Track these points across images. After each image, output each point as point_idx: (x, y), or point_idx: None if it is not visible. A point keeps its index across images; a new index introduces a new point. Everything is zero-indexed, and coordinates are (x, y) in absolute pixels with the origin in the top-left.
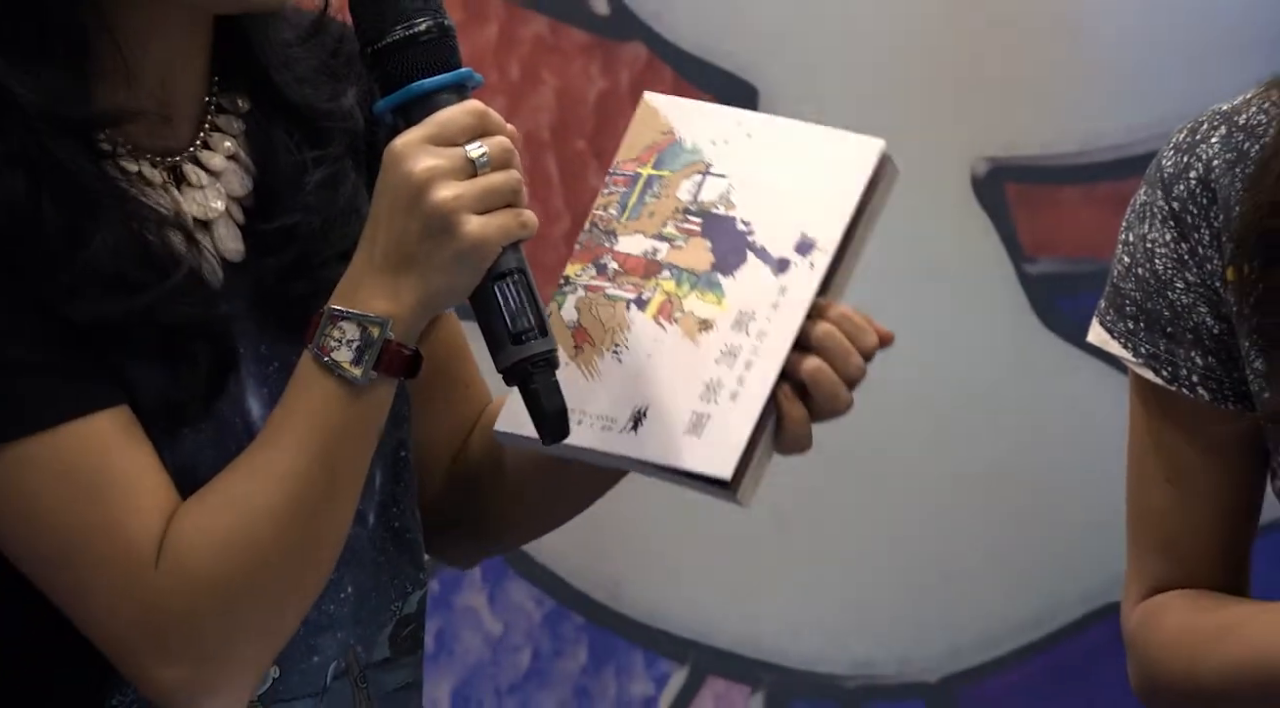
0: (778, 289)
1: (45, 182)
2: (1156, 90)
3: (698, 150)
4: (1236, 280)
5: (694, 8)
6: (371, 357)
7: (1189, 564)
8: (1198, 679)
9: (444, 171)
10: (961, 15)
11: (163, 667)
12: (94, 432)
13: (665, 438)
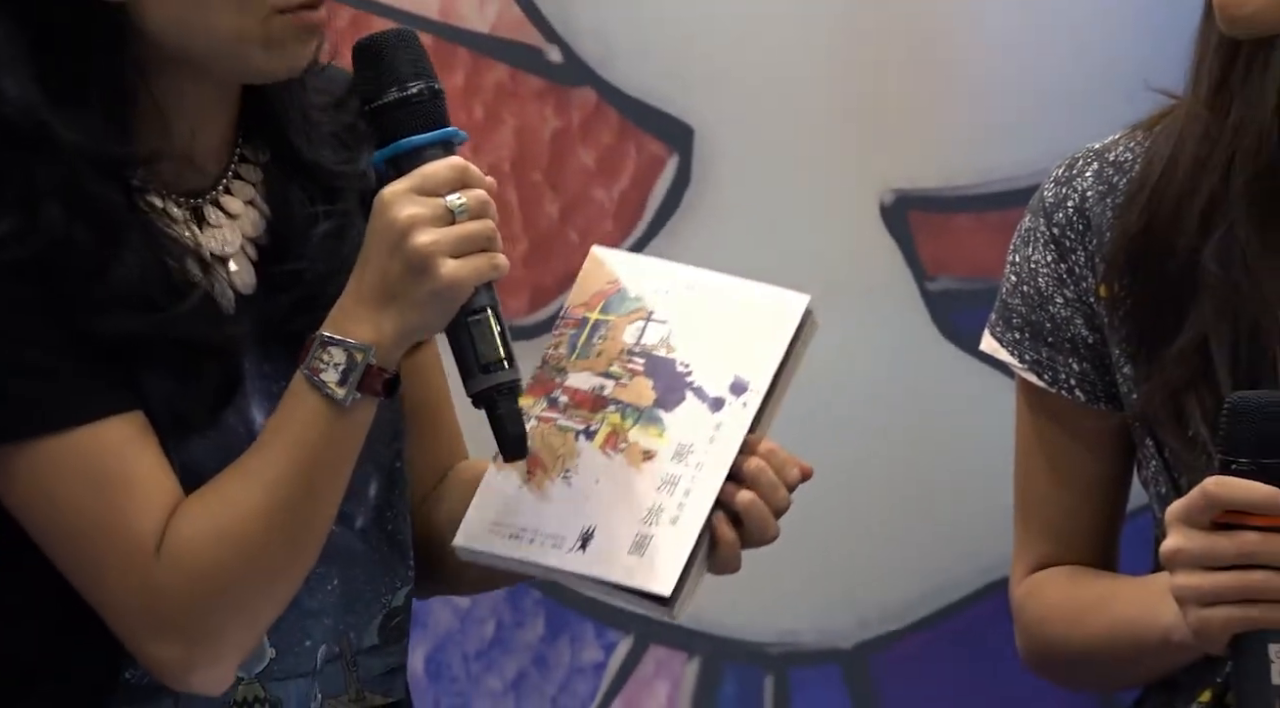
0: (714, 425)
1: (78, 211)
2: (1039, 131)
3: (640, 298)
4: (1108, 297)
5: (636, 58)
6: (355, 379)
7: (1068, 544)
8: (1075, 643)
9: (425, 219)
10: (873, 66)
11: (159, 645)
12: (108, 434)
13: (610, 556)
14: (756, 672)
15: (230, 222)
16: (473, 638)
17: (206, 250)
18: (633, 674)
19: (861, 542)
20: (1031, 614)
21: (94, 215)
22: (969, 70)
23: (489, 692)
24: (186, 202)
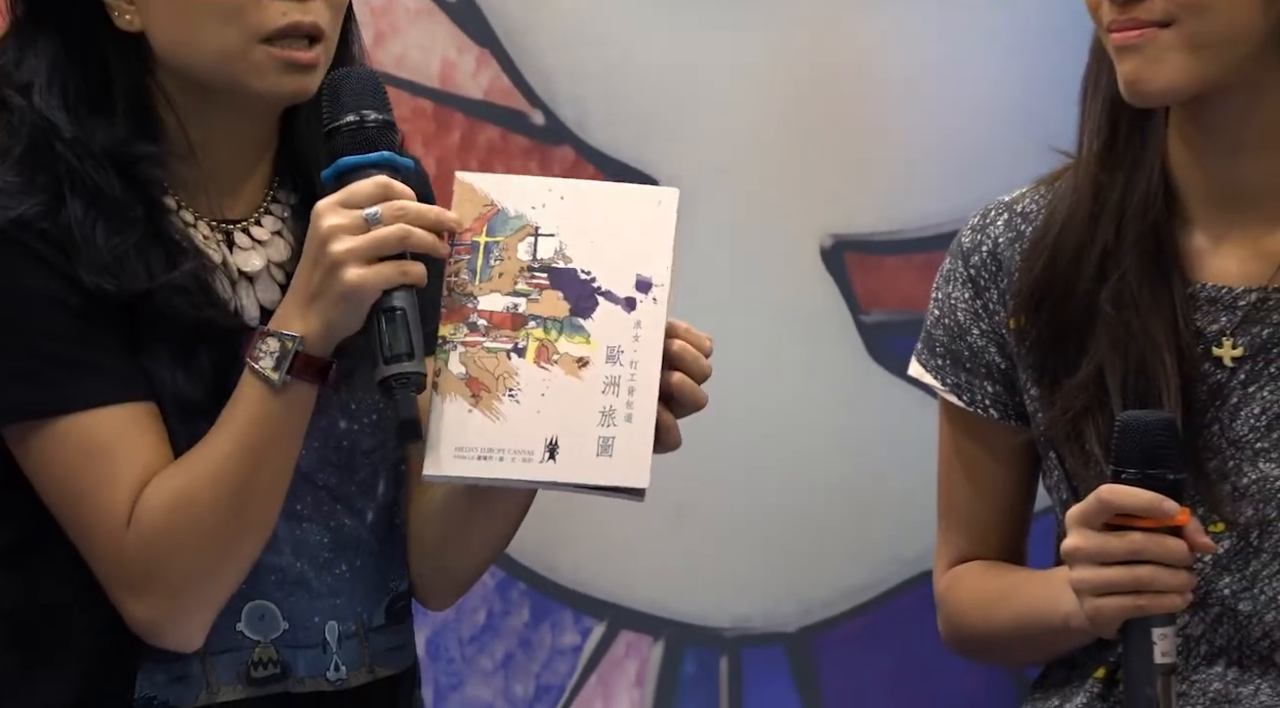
0: (633, 323)
1: (96, 204)
2: (958, 185)
3: (521, 215)
4: (1017, 329)
5: (607, 122)
6: (286, 364)
7: (983, 542)
8: (989, 628)
9: (342, 228)
10: (815, 129)
11: (134, 603)
12: (107, 418)
13: (581, 461)
14: (713, 653)
15: (258, 246)
16: (466, 625)
17: (237, 269)
18: (605, 655)
19: (805, 540)
20: (952, 603)
21: (107, 207)
22: (898, 132)
23: (481, 671)
24: (219, 226)
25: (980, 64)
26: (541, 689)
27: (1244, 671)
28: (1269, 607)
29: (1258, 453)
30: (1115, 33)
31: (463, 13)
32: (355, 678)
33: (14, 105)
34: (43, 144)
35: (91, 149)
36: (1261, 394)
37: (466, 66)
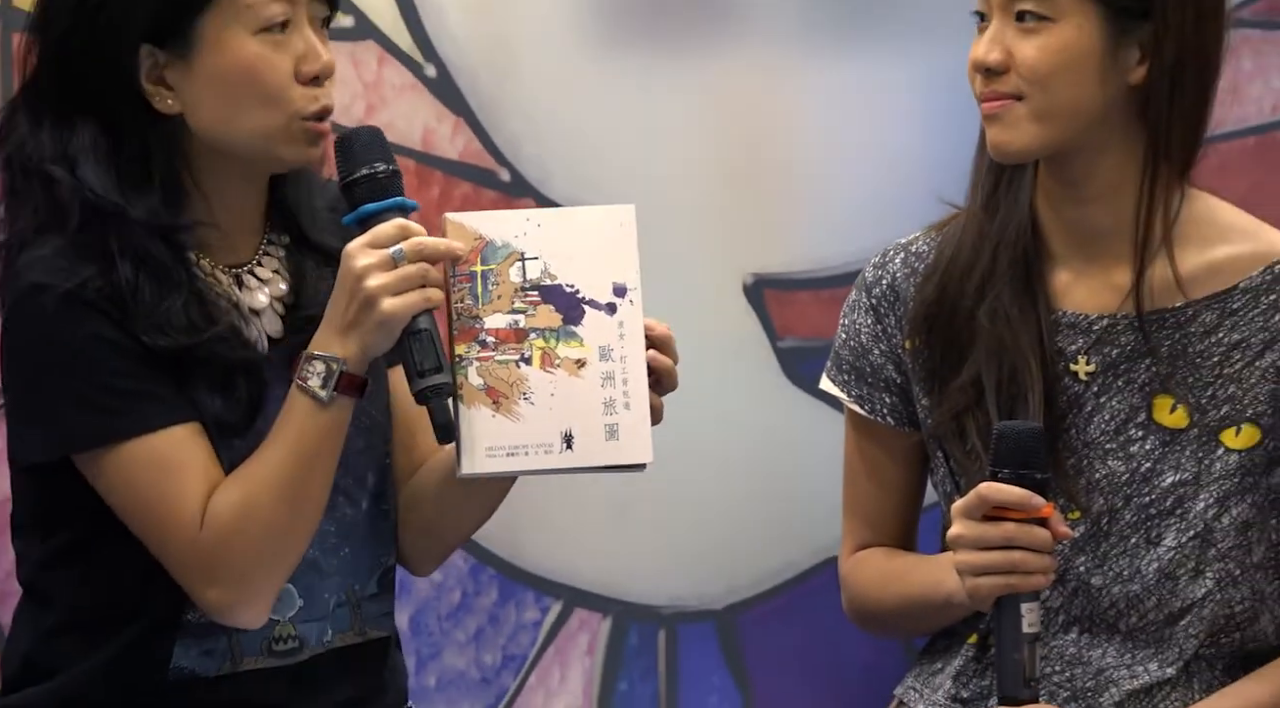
0: (617, 324)
1: (142, 267)
2: (860, 231)
3: (508, 245)
4: (911, 349)
5: (564, 177)
6: (332, 382)
7: (880, 531)
8: (886, 603)
9: (374, 267)
10: (739, 183)
11: (206, 591)
12: (169, 439)
13: (594, 447)
14: (652, 627)
15: (261, 285)
16: (444, 604)
17: (245, 306)
18: (562, 629)
19: (730, 531)
20: (854, 583)
21: (153, 270)
22: (810, 186)
23: (456, 643)
24: (230, 270)
25: (881, 128)
26: (507, 658)
27: (1094, 636)
28: (1116, 581)
29: (1107, 452)
30: (983, 103)
31: (441, 87)
32: (342, 640)
33: (61, 180)
34: (94, 218)
35: (136, 220)
36: (1111, 403)
37: (444, 132)
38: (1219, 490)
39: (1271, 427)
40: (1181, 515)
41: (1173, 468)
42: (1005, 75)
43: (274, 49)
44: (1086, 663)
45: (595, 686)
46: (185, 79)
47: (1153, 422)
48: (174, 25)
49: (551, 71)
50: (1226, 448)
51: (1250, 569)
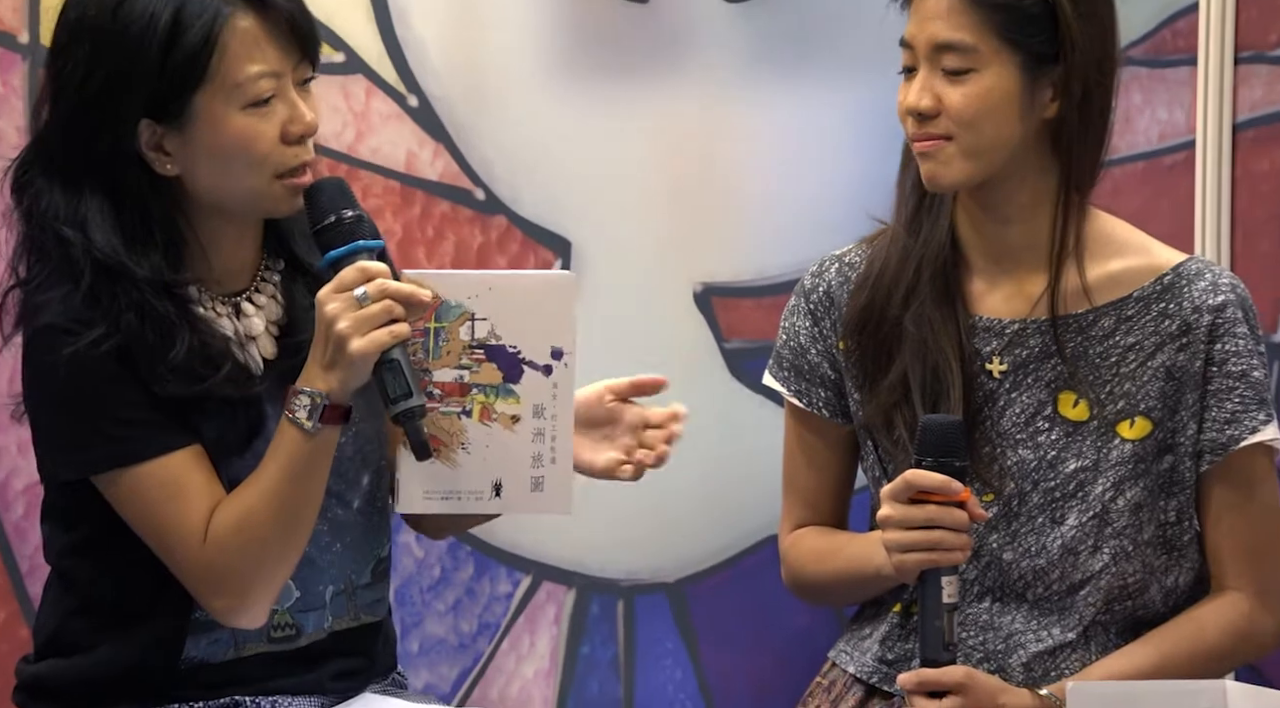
0: (551, 385)
1: (146, 319)
2: (799, 244)
3: (460, 305)
4: (845, 349)
5: (533, 197)
6: (317, 414)
7: (816, 511)
8: (821, 576)
9: (340, 310)
10: (690, 201)
11: (211, 599)
12: (174, 462)
13: (519, 497)
14: (612, 598)
15: (258, 311)
16: (425, 577)
17: (243, 333)
18: (531, 600)
19: (682, 513)
20: (792, 558)
21: (156, 321)
22: (753, 204)
23: (436, 612)
24: (229, 300)
25: (816, 151)
26: (483, 626)
27: (1005, 605)
28: (1024, 556)
29: (1018, 442)
30: (915, 142)
31: (422, 116)
32: (338, 624)
33: (73, 241)
34: (104, 277)
35: (141, 278)
36: (1021, 399)
37: (425, 156)
38: (1115, 476)
39: (1161, 420)
40: (1082, 498)
41: (1075, 456)
42: (936, 119)
43: (261, 119)
44: (998, 629)
45: (561, 650)
46: (182, 147)
47: (1058, 415)
48: (171, 103)
49: (520, 102)
50: (1122, 438)
51: (1141, 545)
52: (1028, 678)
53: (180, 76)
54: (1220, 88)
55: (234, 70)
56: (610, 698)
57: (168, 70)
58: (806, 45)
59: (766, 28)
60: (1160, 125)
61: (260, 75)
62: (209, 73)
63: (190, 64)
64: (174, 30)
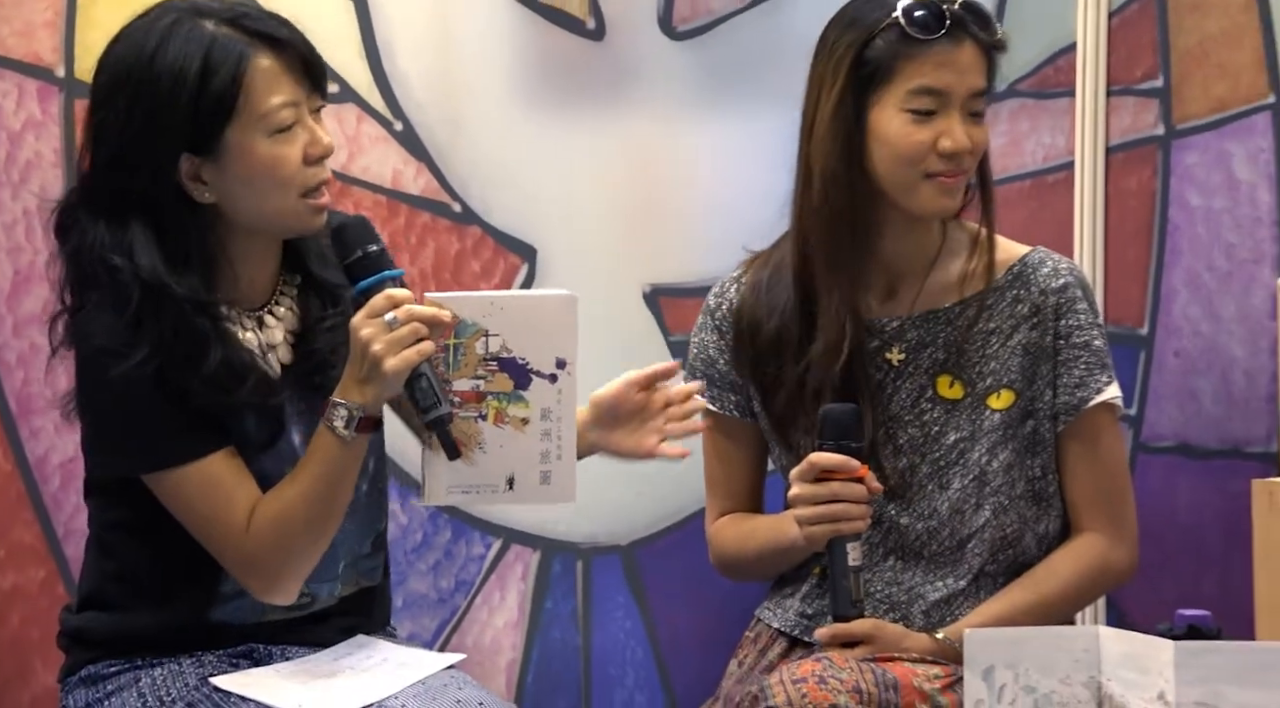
0: (557, 391)
1: (184, 337)
2: (733, 249)
3: (476, 323)
4: (750, 357)
5: (504, 208)
6: (354, 425)
7: (735, 500)
8: (745, 555)
9: (373, 335)
10: (640, 212)
11: (251, 581)
12: (213, 462)
13: (530, 490)
14: (571, 559)
15: (277, 323)
16: (409, 541)
17: (264, 342)
18: (501, 561)
19: (632, 485)
20: (719, 543)
21: (193, 337)
22: (697, 214)
23: (418, 571)
24: (252, 314)
25: (750, 169)
26: (459, 583)
27: (905, 562)
28: (918, 519)
29: (906, 422)
30: (944, 178)
31: (407, 138)
32: (345, 591)
33: (122, 267)
34: (150, 298)
35: (181, 296)
36: (906, 385)
37: (409, 174)
38: (989, 442)
39: (1022, 390)
40: (963, 464)
41: (954, 429)
42: (966, 157)
43: (285, 145)
44: (901, 583)
45: (527, 604)
46: (217, 176)
47: (938, 396)
48: (206, 138)
49: (492, 126)
50: (992, 409)
51: (1015, 500)
52: (927, 623)
53: (213, 113)
54: (1095, 116)
55: (259, 103)
56: (570, 646)
57: (202, 109)
58: (738, 78)
59: (705, 63)
60: (1044, 148)
61: (282, 106)
62: (238, 108)
63: (221, 102)
64: (205, 74)
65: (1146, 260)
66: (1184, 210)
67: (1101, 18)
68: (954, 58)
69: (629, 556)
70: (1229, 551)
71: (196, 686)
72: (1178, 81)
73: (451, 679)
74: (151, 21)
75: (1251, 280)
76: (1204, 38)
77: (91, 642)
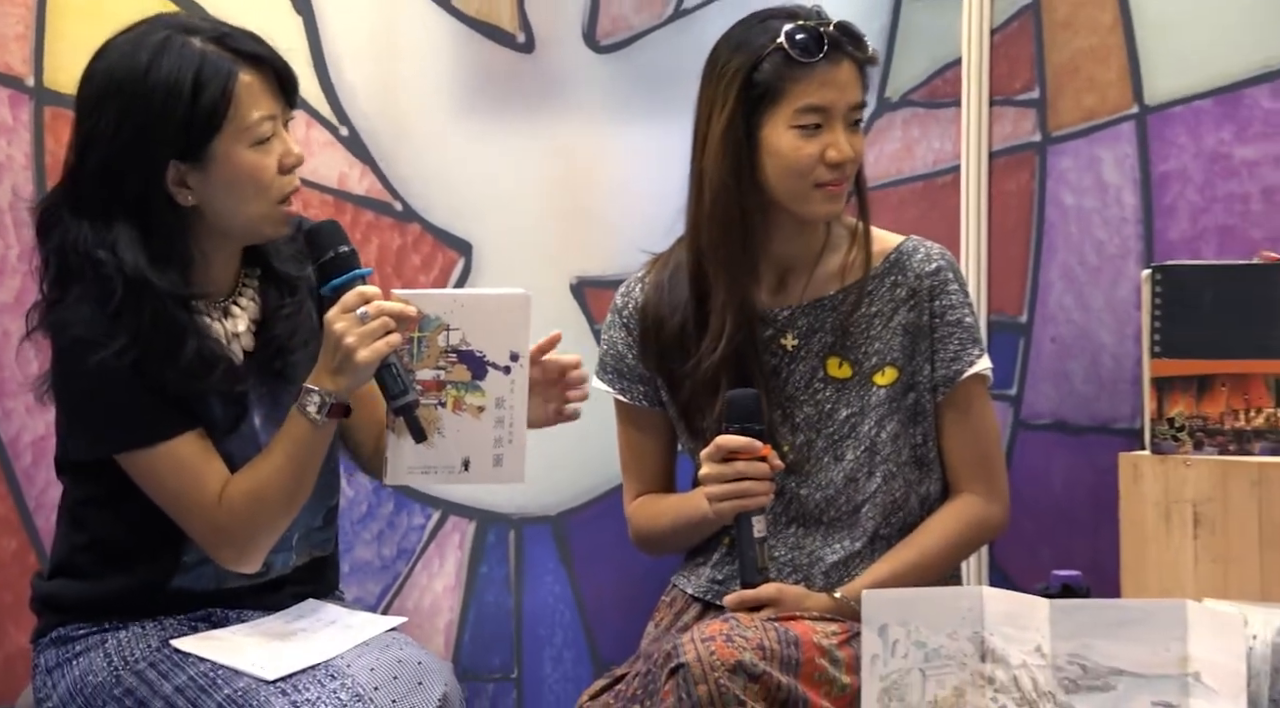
0: (510, 382)
1: (162, 328)
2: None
3: (438, 318)
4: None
5: (442, 206)
6: (325, 410)
7: (649, 482)
8: (660, 531)
9: (347, 328)
10: (568, 210)
11: (221, 553)
12: (184, 442)
13: (484, 471)
14: (505, 528)
15: (241, 312)
16: (355, 512)
17: (229, 331)
18: (440, 531)
19: (561, 460)
20: (636, 523)
21: (170, 329)
22: (617, 213)
23: (364, 540)
24: (218, 304)
25: (662, 173)
26: (400, 551)
27: (806, 529)
28: (816, 489)
29: (802, 402)
30: (829, 186)
31: (352, 143)
32: (299, 561)
33: (106, 262)
34: (131, 293)
35: (161, 290)
36: (799, 368)
37: (355, 176)
38: (876, 415)
39: (903, 366)
40: (855, 437)
41: (845, 405)
42: (850, 166)
43: (265, 154)
44: (803, 548)
45: (464, 570)
46: (202, 182)
47: (829, 376)
48: (196, 147)
49: (431, 132)
50: (878, 385)
51: (902, 466)
52: (827, 583)
53: (204, 125)
54: (979, 124)
55: (244, 116)
56: (503, 609)
57: (194, 121)
58: (655, 88)
59: (625, 74)
60: (934, 153)
61: (263, 119)
62: (225, 120)
63: (211, 114)
64: (196, 89)
65: (1025, 255)
66: (1059, 210)
67: (984, 35)
68: (834, 76)
69: (558, 525)
70: (1098, 517)
71: (158, 647)
72: (1052, 93)
73: (394, 640)
74: (141, 37)
75: (1119, 274)
76: (1075, 54)
77: (61, 607)
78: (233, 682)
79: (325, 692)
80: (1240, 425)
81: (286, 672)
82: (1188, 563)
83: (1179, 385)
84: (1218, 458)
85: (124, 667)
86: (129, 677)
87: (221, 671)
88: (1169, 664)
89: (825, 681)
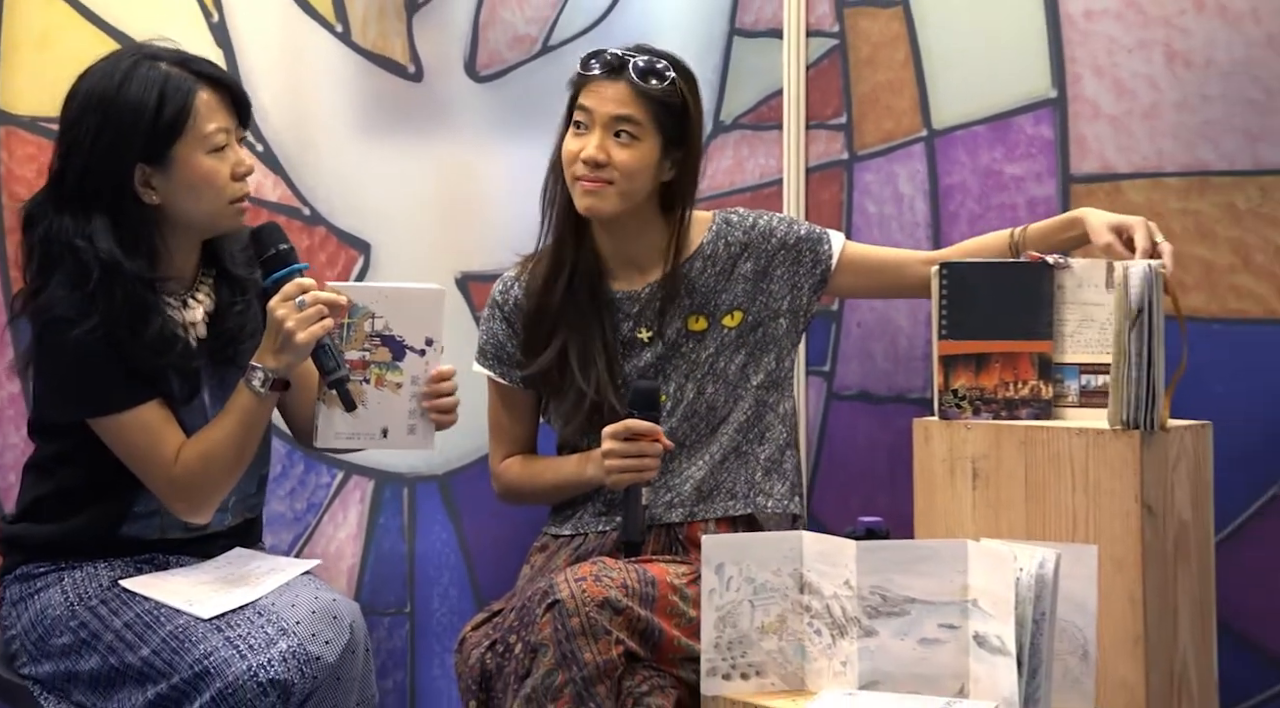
0: (425, 363)
1: (130, 308)
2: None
3: (365, 307)
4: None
5: (345, 210)
6: (268, 384)
7: (515, 446)
8: (537, 489)
9: (287, 313)
10: (456, 212)
11: (176, 506)
12: (147, 410)
13: (400, 438)
14: (399, 486)
15: (198, 304)
16: (270, 472)
17: (187, 320)
18: (344, 488)
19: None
20: (506, 480)
21: (139, 308)
22: (497, 218)
23: (278, 496)
24: (179, 295)
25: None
26: (309, 505)
27: (673, 455)
28: (683, 421)
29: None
30: (582, 182)
31: (267, 157)
32: (234, 521)
33: (83, 248)
34: (106, 275)
35: (130, 274)
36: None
37: (269, 185)
38: (730, 352)
39: (747, 307)
40: (713, 373)
41: (705, 349)
42: (605, 167)
43: (220, 161)
44: (673, 471)
45: (365, 521)
46: (165, 183)
47: (689, 331)
48: (158, 151)
49: (335, 148)
50: (727, 328)
51: (754, 388)
52: (698, 496)
53: (166, 133)
54: (798, 144)
55: (202, 126)
56: (398, 554)
57: (158, 129)
58: (526, 113)
59: (500, 100)
60: (760, 168)
61: (218, 130)
62: (185, 129)
63: (173, 124)
64: (161, 102)
65: None
66: (864, 217)
67: (801, 70)
68: (601, 87)
69: (445, 483)
70: (895, 472)
71: (109, 585)
72: (857, 119)
73: (309, 582)
74: (115, 63)
75: None
76: (875, 86)
77: (25, 547)
78: (174, 619)
79: (254, 628)
80: (1010, 395)
81: (219, 610)
82: (968, 510)
83: (961, 362)
84: (992, 422)
85: (79, 603)
86: (83, 612)
87: (164, 609)
88: (953, 593)
89: (676, 613)
